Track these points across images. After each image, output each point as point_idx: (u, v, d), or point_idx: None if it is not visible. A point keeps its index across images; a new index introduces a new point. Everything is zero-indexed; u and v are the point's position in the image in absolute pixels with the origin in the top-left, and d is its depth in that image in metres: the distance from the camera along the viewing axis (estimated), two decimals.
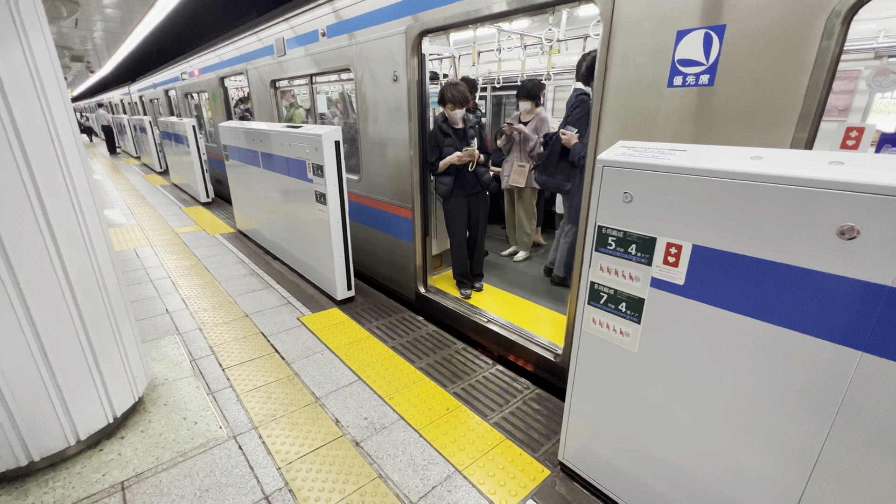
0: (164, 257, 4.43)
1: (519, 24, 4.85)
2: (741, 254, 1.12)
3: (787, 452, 1.14)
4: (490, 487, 1.74)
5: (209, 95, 7.28)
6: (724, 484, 1.29)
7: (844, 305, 0.98)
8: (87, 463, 1.82)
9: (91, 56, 13.87)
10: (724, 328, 1.18)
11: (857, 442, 1.02)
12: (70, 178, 1.70)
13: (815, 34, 1.33)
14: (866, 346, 0.96)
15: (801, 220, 1.00)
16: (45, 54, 1.61)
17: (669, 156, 1.25)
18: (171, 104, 10.10)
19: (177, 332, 2.92)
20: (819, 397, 1.06)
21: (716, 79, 1.55)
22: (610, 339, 1.48)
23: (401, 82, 3.04)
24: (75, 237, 1.73)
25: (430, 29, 2.72)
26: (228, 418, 2.11)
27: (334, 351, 2.72)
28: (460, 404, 2.24)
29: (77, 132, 1.80)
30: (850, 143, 1.37)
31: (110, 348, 1.92)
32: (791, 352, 1.08)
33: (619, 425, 1.54)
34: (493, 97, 7.34)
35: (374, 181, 3.64)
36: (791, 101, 1.41)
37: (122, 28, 9.43)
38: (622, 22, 1.76)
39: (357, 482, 1.75)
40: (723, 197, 1.12)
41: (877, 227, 0.91)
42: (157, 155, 10.45)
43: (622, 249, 1.37)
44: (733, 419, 1.23)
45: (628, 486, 1.57)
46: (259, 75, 5.21)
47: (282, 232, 4.11)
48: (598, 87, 1.89)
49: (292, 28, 4.21)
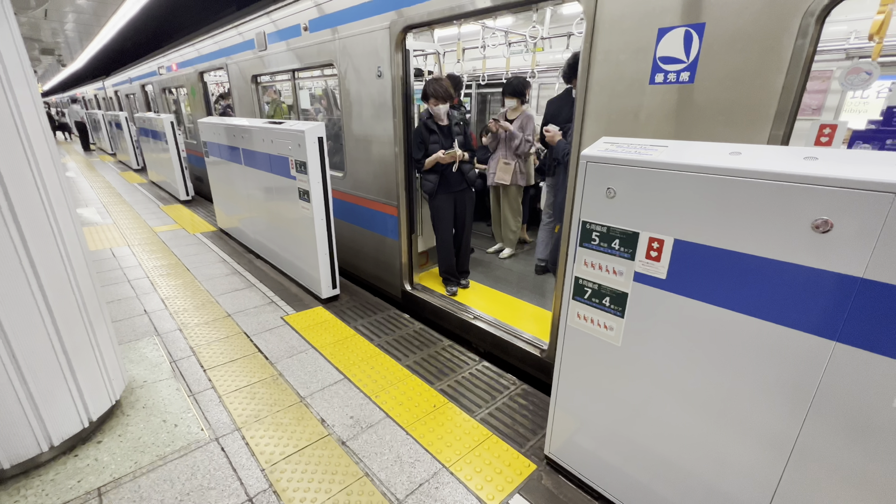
0: (142, 257, 4.31)
1: (503, 22, 4.85)
2: (721, 247, 1.14)
3: (765, 441, 1.17)
4: (477, 483, 1.74)
5: (188, 91, 7.09)
6: (706, 473, 1.32)
7: (819, 297, 1.01)
8: (62, 469, 1.76)
9: (62, 49, 13.36)
10: (705, 321, 1.21)
11: (830, 429, 1.06)
12: (39, 174, 1.63)
13: (790, 33, 1.36)
14: (839, 336, 0.99)
15: (778, 214, 1.03)
16: (10, 44, 1.54)
17: (651, 151, 1.27)
18: (149, 99, 9.81)
19: (156, 334, 2.85)
20: (795, 387, 1.09)
21: (696, 76, 1.58)
22: (594, 333, 1.49)
23: (385, 78, 3.01)
24: (45, 236, 1.67)
25: (413, 24, 2.70)
26: (210, 420, 2.06)
27: (319, 350, 2.69)
28: (447, 401, 2.24)
29: (47, 126, 1.73)
30: (824, 139, 1.41)
31: (84, 350, 1.86)
32: (769, 343, 1.11)
33: (604, 419, 1.56)
34: (477, 94, 7.34)
35: (359, 178, 3.60)
36: (767, 99, 1.44)
37: (95, 20, 9.10)
38: (605, 19, 1.77)
39: (343, 481, 1.73)
40: (703, 192, 1.14)
41: (849, 221, 0.94)
42: (133, 152, 10.15)
43: (606, 244, 1.38)
44: (714, 410, 1.25)
45: (613, 477, 1.59)
46: (240, 70, 5.10)
47: (265, 230, 4.04)
48: (581, 85, 1.91)
49: (273, 22, 4.13)
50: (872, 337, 0.95)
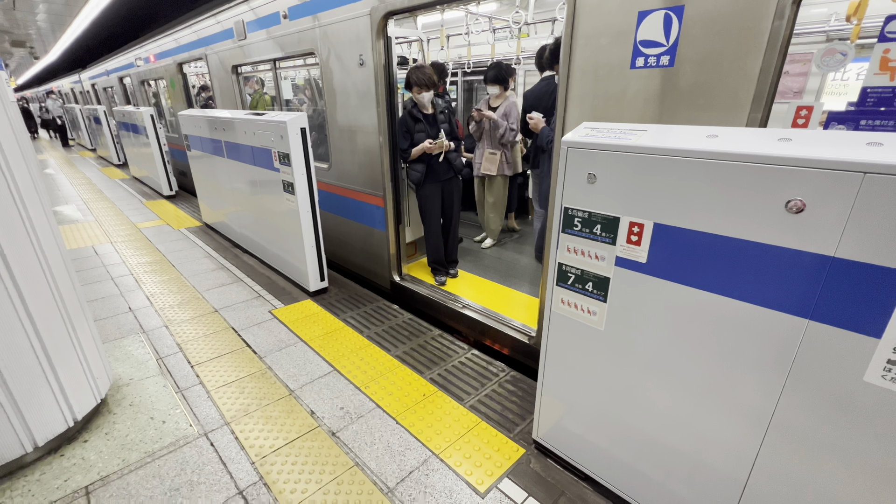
0: (126, 254, 4.24)
1: (487, 7, 4.79)
2: (698, 230, 1.15)
3: (744, 416, 1.20)
4: (467, 468, 1.77)
5: (167, 82, 6.91)
6: (689, 449, 1.35)
7: (793, 277, 1.03)
8: (48, 469, 1.75)
9: (34, 41, 12.91)
10: (685, 304, 1.23)
11: (804, 404, 1.09)
12: (9, 170, 1.58)
13: (767, 14, 1.36)
14: (812, 314, 1.02)
15: (752, 196, 1.04)
16: None
17: (630, 136, 1.27)
18: (127, 92, 9.54)
19: (141, 331, 2.81)
20: (771, 365, 1.11)
21: (676, 60, 1.58)
22: (578, 318, 1.51)
23: (367, 66, 2.96)
24: (18, 236, 1.62)
25: (395, 10, 2.65)
26: (199, 415, 2.05)
27: (308, 343, 2.69)
28: (437, 390, 2.25)
29: (18, 120, 1.67)
30: (801, 121, 1.42)
31: (66, 349, 1.83)
32: (745, 322, 1.13)
33: (590, 402, 1.58)
34: (463, 82, 7.27)
35: (344, 169, 3.56)
36: (746, 82, 1.45)
37: (67, 10, 8.79)
38: (586, 3, 1.75)
39: (333, 472, 1.74)
40: (680, 175, 1.15)
41: (821, 201, 0.95)
42: (114, 147, 9.90)
43: (587, 230, 1.39)
44: (696, 389, 1.28)
45: (600, 459, 1.62)
46: (220, 60, 4.98)
47: (250, 224, 3.99)
48: (563, 70, 1.89)
49: (253, 10, 4.02)
50: (843, 314, 0.98)
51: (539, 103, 3.24)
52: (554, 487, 1.69)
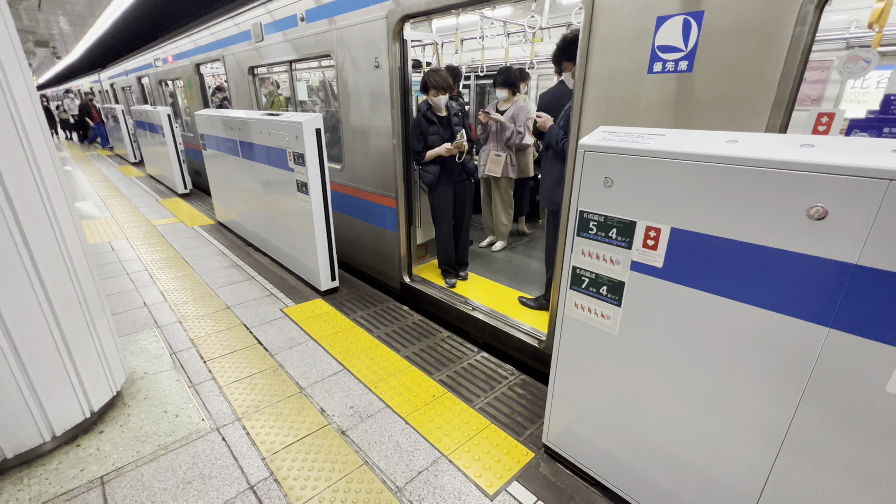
0: (141, 250, 4.31)
1: (502, 12, 4.81)
2: (717, 236, 1.14)
3: (759, 428, 1.18)
4: (475, 471, 1.76)
5: (184, 83, 7.04)
6: (701, 460, 1.33)
7: (814, 284, 1.02)
8: (64, 459, 1.78)
9: (57, 41, 13.23)
10: (702, 309, 1.22)
11: (822, 415, 1.07)
12: (37, 166, 1.63)
13: (789, 21, 1.35)
14: (833, 322, 1.00)
15: (773, 202, 1.03)
16: (4, 36, 1.53)
17: (648, 140, 1.27)
18: (145, 92, 9.73)
19: (156, 326, 2.86)
20: (789, 374, 1.10)
21: (694, 65, 1.57)
22: (591, 322, 1.50)
23: (382, 69, 2.99)
24: (44, 229, 1.67)
25: (411, 14, 2.67)
26: (211, 410, 2.08)
27: (319, 341, 2.71)
28: (446, 391, 2.26)
29: (43, 119, 1.72)
30: (822, 128, 1.41)
31: (85, 342, 1.87)
32: (764, 330, 1.11)
33: (601, 407, 1.57)
34: (476, 85, 7.29)
35: (357, 170, 3.60)
36: (766, 88, 1.44)
37: (89, 11, 9.00)
38: (603, 7, 1.76)
39: (343, 470, 1.75)
40: (699, 180, 1.14)
41: (844, 208, 0.94)
42: (131, 145, 10.09)
43: (603, 234, 1.39)
44: (710, 397, 1.27)
45: (610, 465, 1.61)
46: (236, 62, 5.06)
47: (263, 223, 4.04)
48: (580, 74, 1.90)
49: (270, 12, 4.09)
50: (866, 323, 0.96)
51: (548, 111, 3.21)
52: (563, 492, 1.68)
